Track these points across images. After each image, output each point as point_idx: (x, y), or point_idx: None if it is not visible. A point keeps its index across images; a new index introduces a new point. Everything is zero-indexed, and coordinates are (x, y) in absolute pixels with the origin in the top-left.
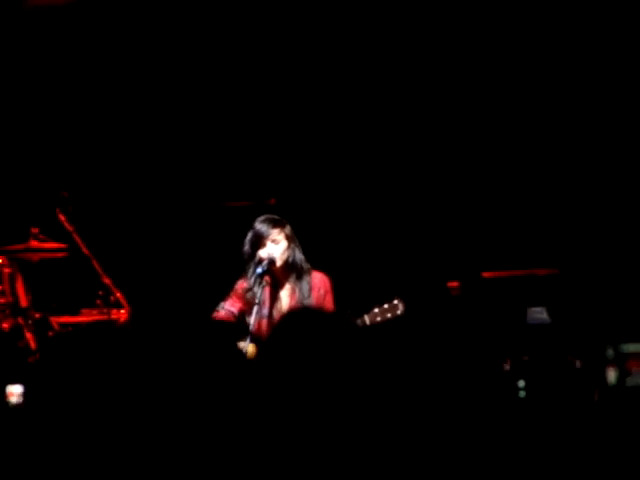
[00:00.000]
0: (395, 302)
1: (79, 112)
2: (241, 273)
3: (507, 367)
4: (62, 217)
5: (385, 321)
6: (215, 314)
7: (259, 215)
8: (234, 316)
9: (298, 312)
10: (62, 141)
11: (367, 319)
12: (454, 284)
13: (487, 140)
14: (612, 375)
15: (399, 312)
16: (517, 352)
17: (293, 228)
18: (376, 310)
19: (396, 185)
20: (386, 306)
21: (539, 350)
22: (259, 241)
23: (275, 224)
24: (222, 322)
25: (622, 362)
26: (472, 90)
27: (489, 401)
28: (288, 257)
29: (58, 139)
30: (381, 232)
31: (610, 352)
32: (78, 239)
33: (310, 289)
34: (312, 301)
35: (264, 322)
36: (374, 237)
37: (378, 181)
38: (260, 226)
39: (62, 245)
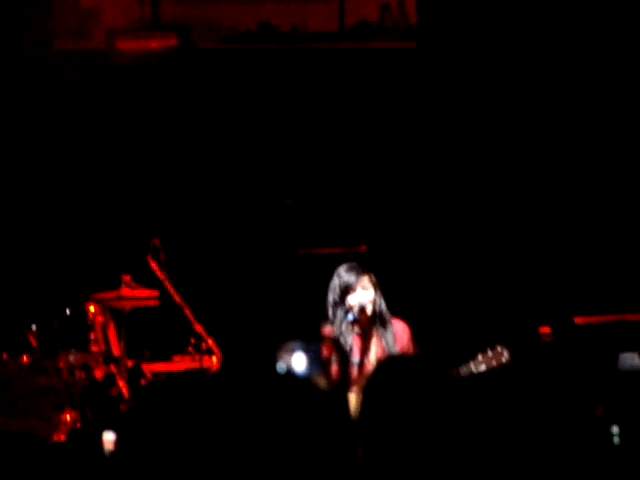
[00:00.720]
0: (499, 349)
1: (172, 159)
2: (323, 319)
3: (600, 413)
4: (154, 265)
5: (491, 369)
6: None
7: (343, 262)
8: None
9: (393, 361)
10: (153, 188)
11: (473, 367)
12: (546, 330)
13: (579, 187)
14: None
15: (504, 360)
16: (609, 398)
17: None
18: (480, 358)
19: (484, 231)
20: (490, 354)
21: (632, 396)
22: (348, 288)
23: (364, 271)
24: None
25: None
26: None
27: (583, 447)
28: (376, 305)
29: (150, 186)
30: (470, 277)
31: None
32: (170, 286)
33: (394, 337)
34: (397, 349)
35: (355, 370)
36: (461, 282)
37: (465, 226)
38: (348, 274)
39: (154, 293)
